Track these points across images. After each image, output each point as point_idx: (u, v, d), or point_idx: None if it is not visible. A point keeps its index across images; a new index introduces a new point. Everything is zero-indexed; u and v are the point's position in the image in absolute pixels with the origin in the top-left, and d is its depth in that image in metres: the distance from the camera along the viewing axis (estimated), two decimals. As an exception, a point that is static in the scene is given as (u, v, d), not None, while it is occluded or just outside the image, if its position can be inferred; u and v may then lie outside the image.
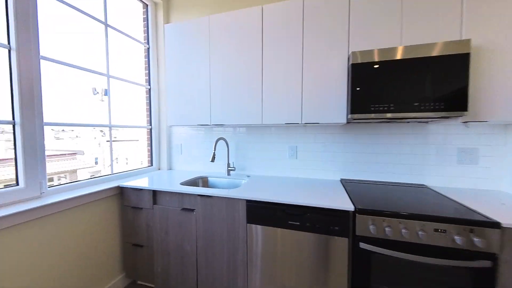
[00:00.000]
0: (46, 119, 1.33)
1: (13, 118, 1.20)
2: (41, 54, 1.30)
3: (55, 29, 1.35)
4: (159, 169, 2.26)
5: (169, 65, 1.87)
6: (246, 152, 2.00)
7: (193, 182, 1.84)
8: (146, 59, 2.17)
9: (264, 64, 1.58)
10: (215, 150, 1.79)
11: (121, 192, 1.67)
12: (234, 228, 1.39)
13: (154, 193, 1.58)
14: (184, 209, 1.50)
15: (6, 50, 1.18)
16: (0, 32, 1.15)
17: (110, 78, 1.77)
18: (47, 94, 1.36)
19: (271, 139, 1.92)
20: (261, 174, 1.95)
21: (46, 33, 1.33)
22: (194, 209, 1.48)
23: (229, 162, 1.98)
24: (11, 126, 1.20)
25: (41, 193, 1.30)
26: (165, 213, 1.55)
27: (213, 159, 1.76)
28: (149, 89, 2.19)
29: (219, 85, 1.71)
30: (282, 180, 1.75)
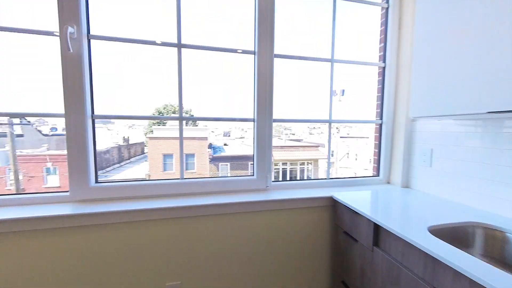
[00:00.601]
0: (276, 115, 1.38)
1: (253, 116, 1.36)
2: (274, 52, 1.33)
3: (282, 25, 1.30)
4: (388, 182, 1.57)
5: (420, 21, 1.08)
6: None
7: (458, 232, 0.91)
8: (383, 27, 1.55)
9: None
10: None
11: (334, 205, 1.32)
12: None
13: (376, 226, 0.99)
14: (435, 291, 0.72)
15: (253, 56, 1.34)
16: (247, 41, 1.33)
17: (334, 63, 1.46)
18: (283, 93, 1.41)
19: None
20: None
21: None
22: (465, 310, 0.64)
23: None
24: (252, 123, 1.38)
25: (266, 187, 1.38)
26: (393, 270, 0.90)
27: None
28: (383, 68, 1.55)
29: None
30: None
